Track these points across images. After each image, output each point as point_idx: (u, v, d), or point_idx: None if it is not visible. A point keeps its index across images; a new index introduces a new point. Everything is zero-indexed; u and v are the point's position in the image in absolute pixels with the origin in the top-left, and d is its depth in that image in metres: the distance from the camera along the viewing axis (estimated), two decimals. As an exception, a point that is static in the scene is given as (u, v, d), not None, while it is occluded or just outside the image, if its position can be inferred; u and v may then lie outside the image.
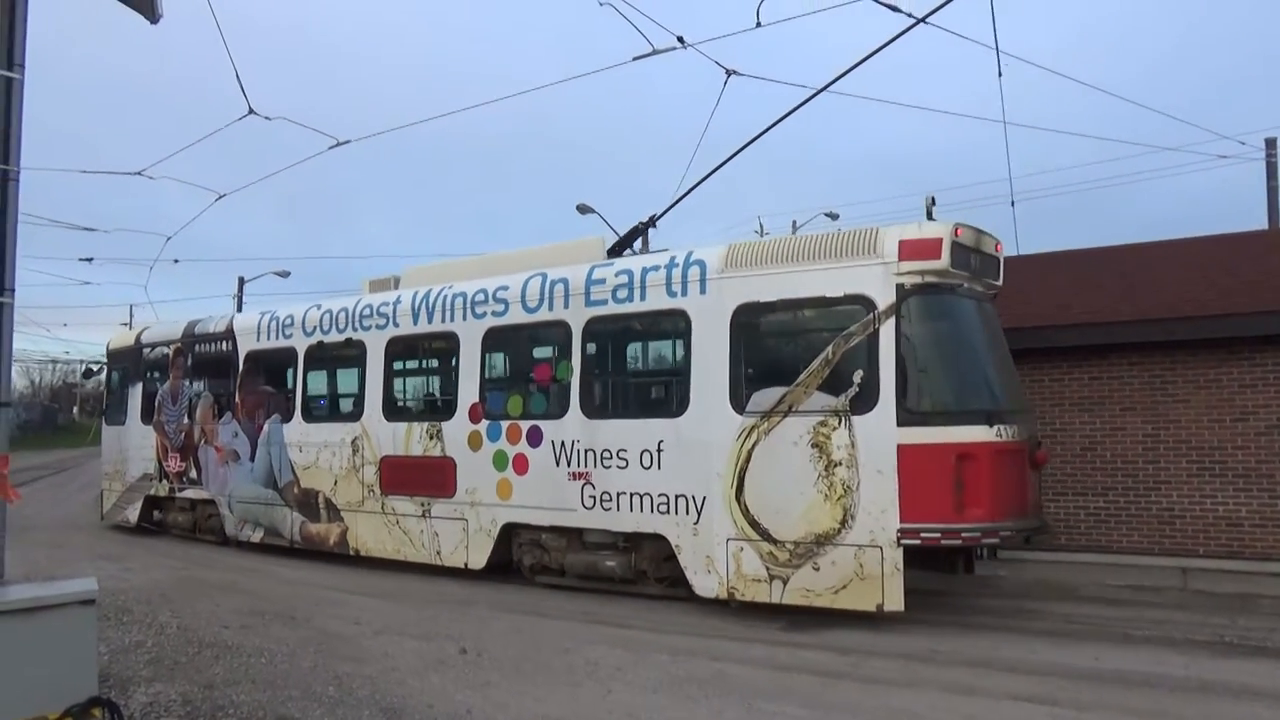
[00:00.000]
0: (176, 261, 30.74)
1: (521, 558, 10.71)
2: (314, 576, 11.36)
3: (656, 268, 9.71)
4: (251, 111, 14.25)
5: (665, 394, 9.82)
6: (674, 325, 9.57)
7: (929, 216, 8.63)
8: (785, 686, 6.52)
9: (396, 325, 12.06)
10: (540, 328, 10.66)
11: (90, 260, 27.42)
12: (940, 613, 9.02)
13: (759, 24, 10.73)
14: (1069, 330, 11.24)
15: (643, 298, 9.74)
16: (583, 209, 31.23)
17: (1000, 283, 9.18)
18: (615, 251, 10.76)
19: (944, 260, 8.20)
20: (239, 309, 43.98)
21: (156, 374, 16.16)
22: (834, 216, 41.15)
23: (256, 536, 13.73)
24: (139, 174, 17.80)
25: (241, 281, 44.58)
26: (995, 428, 8.04)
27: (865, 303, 8.26)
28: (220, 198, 18.92)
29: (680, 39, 11.23)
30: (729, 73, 11.92)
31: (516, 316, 10.77)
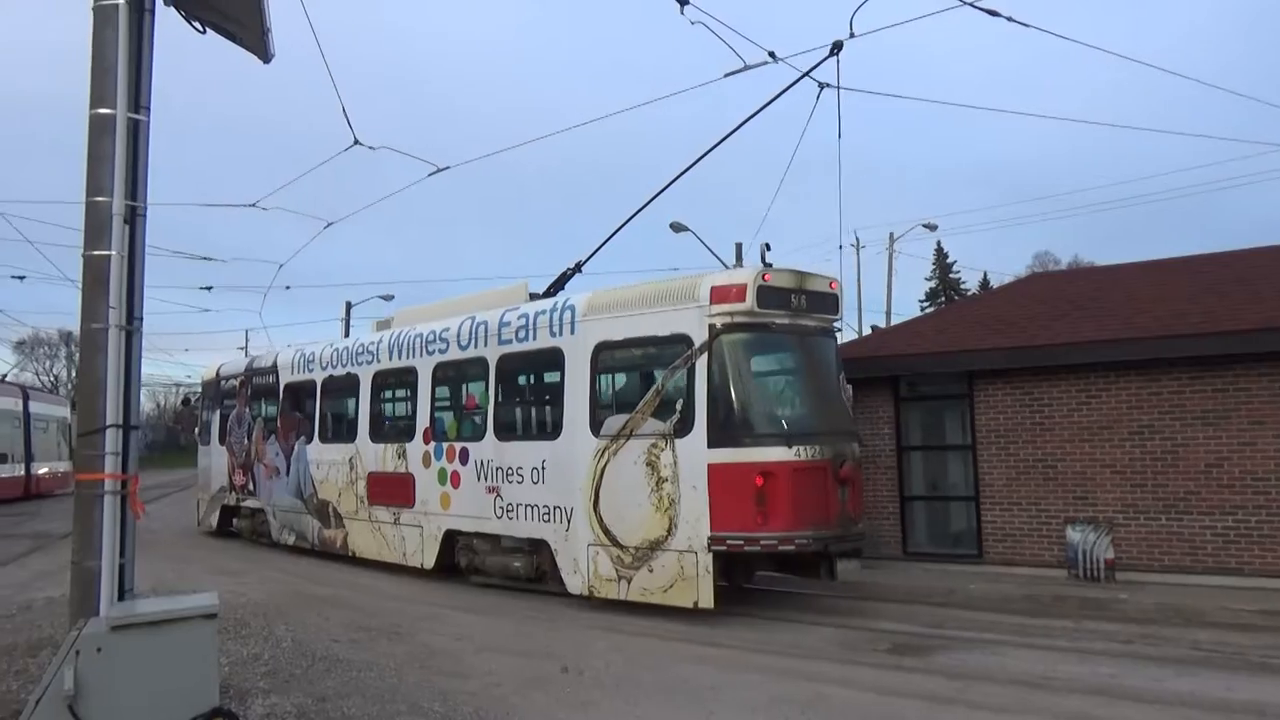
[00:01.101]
0: (289, 288, 32.24)
1: (459, 559, 12.29)
2: (413, 592, 11.62)
3: (544, 311, 11.28)
4: (357, 142, 14.80)
5: (548, 420, 11.29)
6: (554, 361, 11.01)
7: (763, 261, 9.90)
8: (891, 712, 6.34)
9: (379, 361, 14.05)
10: (468, 363, 12.33)
11: (209, 288, 29.01)
12: (1054, 637, 8.65)
13: (851, 34, 10.61)
14: (1187, 340, 10.69)
15: (534, 337, 11.32)
16: (676, 227, 31.36)
17: (838, 316, 10.45)
18: (551, 292, 12.16)
19: (748, 303, 9.46)
20: (346, 332, 45.58)
21: (229, 402, 18.66)
22: (932, 227, 40.26)
23: (290, 540, 15.83)
24: (253, 205, 18.68)
25: (348, 306, 46.14)
26: (795, 448, 9.21)
27: (686, 341, 9.59)
28: (328, 225, 19.74)
29: (771, 54, 11.19)
30: (821, 86, 11.82)
31: (454, 354, 12.55)
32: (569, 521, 10.51)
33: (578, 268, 12.46)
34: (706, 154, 11.46)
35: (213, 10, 6.27)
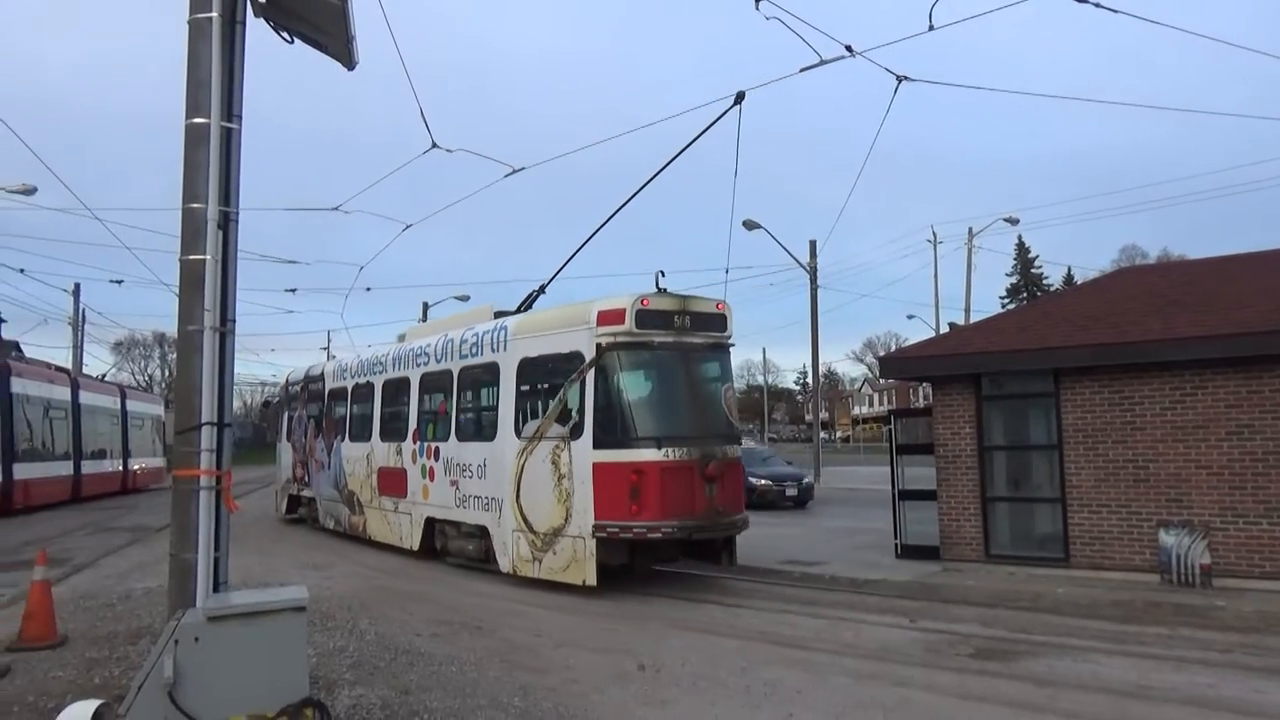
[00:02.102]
0: (369, 289, 33.06)
1: (436, 543, 14.16)
2: (494, 589, 11.76)
3: (489, 331, 13.16)
4: (435, 145, 15.02)
5: (487, 424, 12.99)
6: (494, 373, 12.79)
7: (657, 287, 11.59)
8: (977, 717, 6.19)
9: (387, 371, 16.25)
10: (440, 375, 14.28)
11: (294, 291, 29.94)
12: (1147, 645, 8.33)
13: (931, 27, 10.38)
14: (1292, 335, 10.17)
15: (481, 353, 13.22)
16: (749, 225, 31.21)
17: (726, 333, 12.03)
18: (526, 308, 13.57)
19: (627, 325, 11.10)
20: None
21: (294, 405, 21.42)
22: (1013, 221, 39.15)
23: (331, 525, 18.25)
24: (336, 209, 19.15)
25: (425, 306, 46.96)
26: (664, 450, 10.83)
27: (580, 358, 11.28)
28: (407, 228, 20.12)
29: (849, 48, 11.01)
30: (899, 79, 11.59)
31: (432, 366, 14.58)
32: (500, 510, 12.37)
33: (541, 290, 13.70)
34: (664, 168, 12.57)
35: (300, 20, 6.43)
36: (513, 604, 10.64)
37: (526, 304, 13.72)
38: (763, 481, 22.87)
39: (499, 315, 13.78)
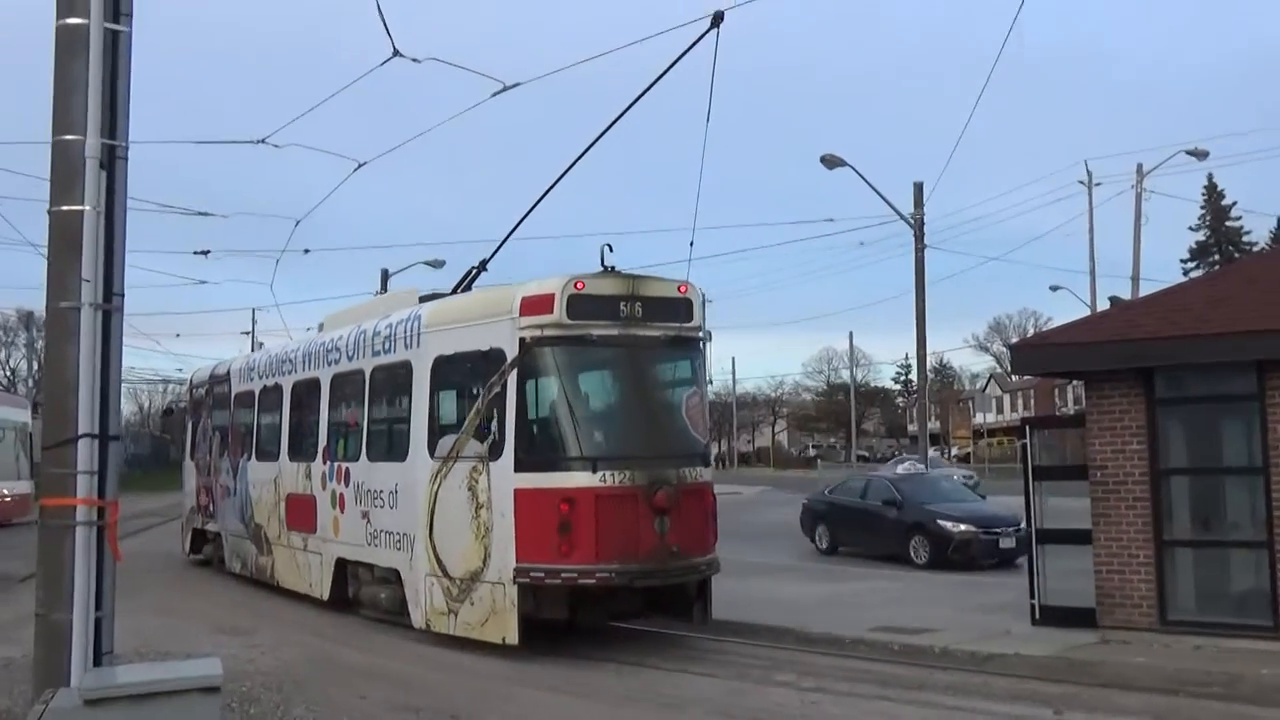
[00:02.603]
0: (307, 251, 33.17)
1: (350, 589, 14.68)
2: (475, 661, 11.87)
3: (403, 322, 13.53)
4: (396, 54, 15.15)
5: (400, 440, 13.44)
6: (407, 376, 13.24)
7: (602, 263, 12.01)
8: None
9: (296, 371, 16.88)
10: (352, 376, 14.89)
11: (206, 254, 30.04)
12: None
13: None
14: None
15: (394, 350, 13.65)
16: (830, 161, 31.26)
17: (691, 322, 12.45)
18: (466, 289, 14.15)
19: (556, 314, 11.45)
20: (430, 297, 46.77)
21: (200, 412, 21.96)
22: (1201, 155, 38.74)
23: (238, 568, 18.94)
24: (262, 142, 19.34)
25: (385, 275, 47.40)
26: (600, 474, 11.21)
27: (500, 357, 11.67)
28: (359, 167, 20.28)
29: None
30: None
31: (344, 365, 15.17)
32: (413, 550, 12.79)
33: (483, 266, 14.21)
34: (630, 106, 13.22)
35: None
36: (498, 683, 10.74)
37: (465, 285, 14.26)
38: (963, 528, 20.54)
39: (426, 300, 14.35)
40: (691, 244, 14.77)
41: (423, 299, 14.36)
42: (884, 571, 19.40)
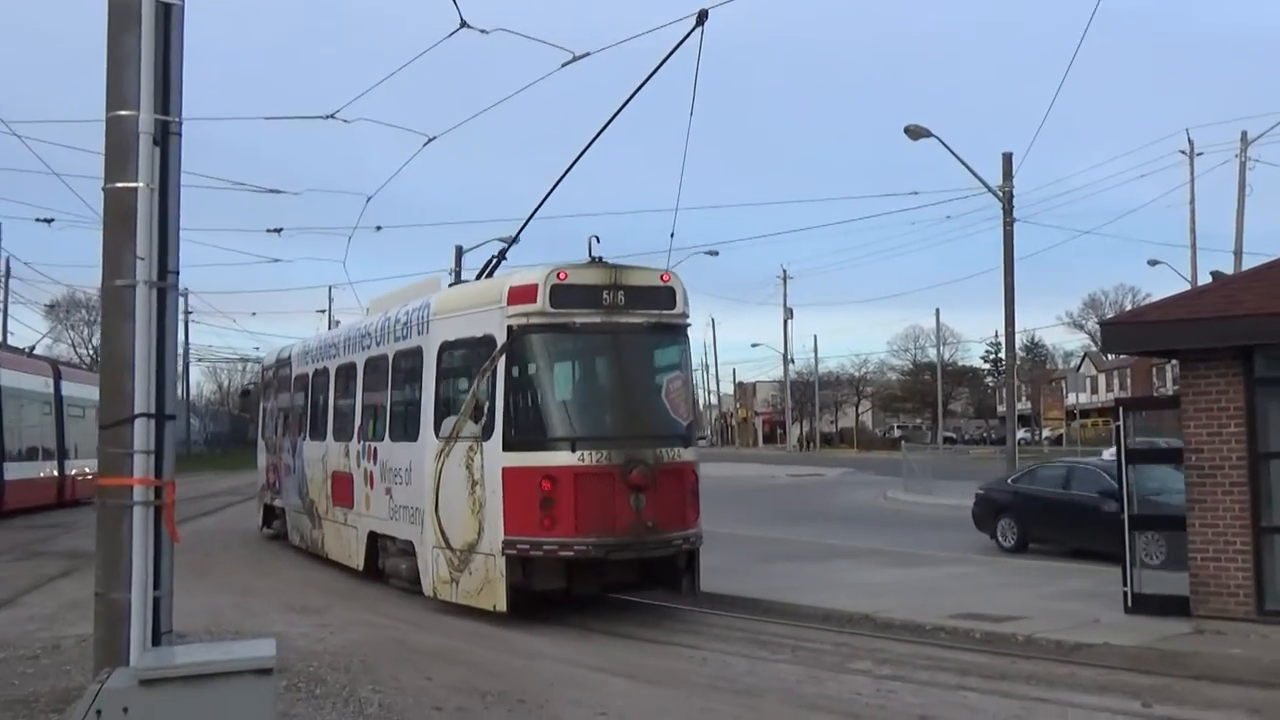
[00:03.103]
0: (379, 229, 33.48)
1: (380, 561, 15.83)
2: (549, 644, 11.92)
3: (417, 309, 14.86)
4: (464, 24, 15.16)
5: (414, 421, 14.58)
6: (419, 361, 14.47)
7: (589, 254, 13.09)
8: None
9: (339, 355, 18.35)
10: (379, 361, 16.20)
11: (279, 231, 30.38)
12: None
13: None
14: None
15: (410, 336, 14.93)
16: (914, 132, 30.83)
17: (677, 310, 13.39)
18: (485, 278, 15.00)
19: (540, 303, 12.52)
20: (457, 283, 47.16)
21: (269, 393, 23.89)
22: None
23: (296, 540, 20.42)
24: (331, 117, 19.51)
25: (459, 252, 47.68)
26: (579, 453, 12.25)
27: (491, 343, 12.83)
28: (429, 141, 20.40)
29: None
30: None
31: (374, 350, 16.50)
32: (423, 523, 13.91)
33: (502, 255, 15.16)
34: (624, 106, 14.00)
35: None
36: (571, 667, 10.75)
37: (488, 272, 15.16)
38: None
39: (454, 287, 16.24)
40: (672, 235, 16.11)
41: (451, 285, 15.62)
42: (966, 557, 19.08)
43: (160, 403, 5.79)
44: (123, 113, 5.82)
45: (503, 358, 12.71)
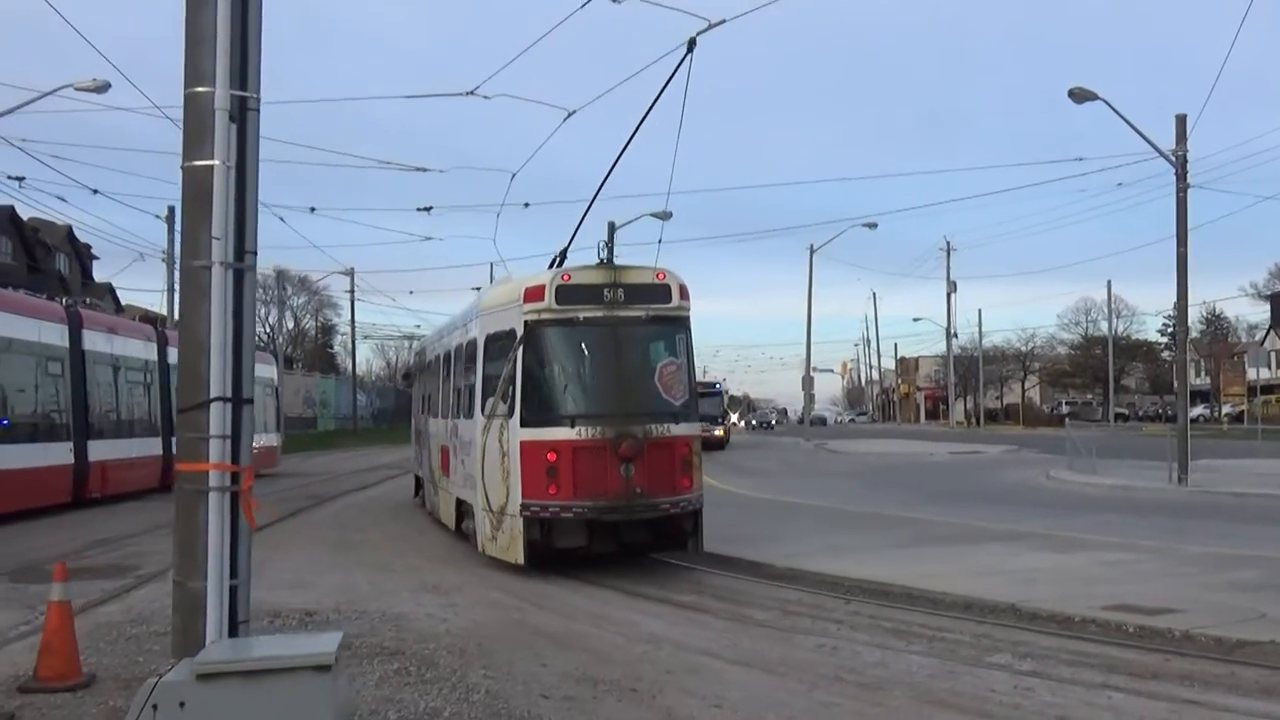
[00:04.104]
0: (527, 205, 33.61)
1: (463, 524, 18.19)
2: (671, 631, 11.65)
3: (474, 304, 18.11)
4: (595, -8, 14.86)
5: (472, 401, 16.77)
6: (474, 350, 16.84)
7: (598, 256, 16.01)
8: None
9: (444, 342, 21.11)
10: (458, 348, 18.78)
11: (429, 210, 30.75)
12: None
13: None
14: None
15: (469, 328, 17.62)
16: (1079, 95, 29.56)
17: (673, 302, 15.30)
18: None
19: (547, 301, 14.68)
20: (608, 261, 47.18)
21: (416, 374, 27.43)
22: None
23: (428, 508, 22.86)
24: (471, 94, 19.53)
25: (612, 228, 47.75)
26: (577, 429, 14.38)
27: (514, 335, 15.04)
28: (570, 115, 20.27)
29: None
30: None
31: (455, 338, 19.26)
32: (476, 489, 16.22)
33: (563, 255, 16.56)
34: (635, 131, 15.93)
35: None
36: (692, 654, 10.46)
37: (555, 263, 16.72)
38: None
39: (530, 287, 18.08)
40: (660, 242, 17.37)
41: (528, 290, 16.30)
42: (1129, 542, 18.11)
43: (238, 386, 5.66)
44: (199, 89, 5.69)
45: (520, 348, 14.91)
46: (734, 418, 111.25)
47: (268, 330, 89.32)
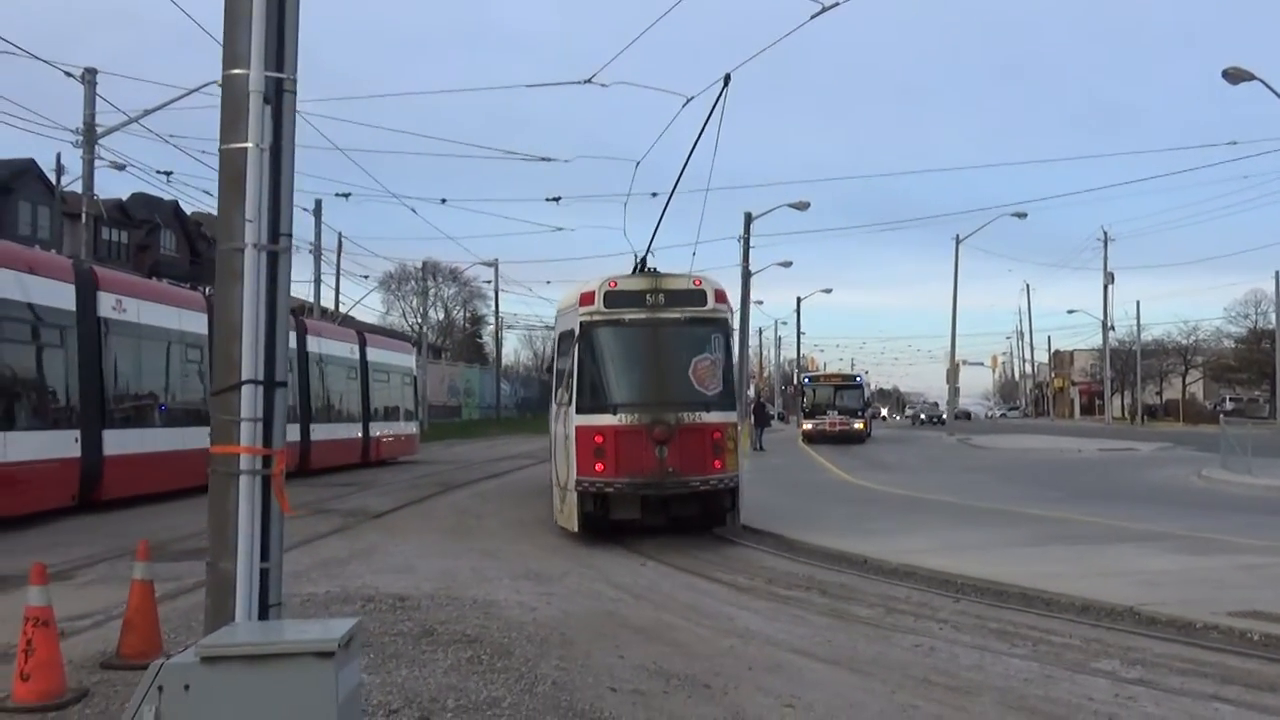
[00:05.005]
0: (654, 195, 33.47)
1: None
2: (764, 625, 11.41)
3: (557, 304, 20.88)
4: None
5: (552, 391, 19.72)
6: (557, 346, 19.50)
7: (641, 267, 18.44)
8: None
9: (555, 328, 21.41)
10: (554, 343, 20.85)
11: (558, 200, 30.91)
12: None
13: None
14: None
15: (555, 326, 20.42)
16: (1234, 75, 28.24)
17: (709, 305, 17.37)
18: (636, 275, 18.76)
19: (598, 305, 17.00)
20: (744, 255, 46.94)
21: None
22: None
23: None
24: (588, 82, 19.49)
25: (748, 219, 47.42)
26: (619, 415, 16.63)
27: (573, 335, 17.28)
28: (688, 101, 20.06)
29: None
30: None
31: (556, 333, 20.55)
32: (553, 468, 18.74)
33: (642, 263, 18.74)
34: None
35: None
36: (779, 650, 10.20)
37: (637, 268, 18.81)
38: None
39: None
40: (694, 254, 18.67)
41: (582, 295, 18.06)
42: (1274, 545, 17.10)
43: (270, 369, 5.65)
44: (235, 72, 5.69)
45: (577, 345, 17.08)
46: (884, 411, 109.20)
47: (415, 321, 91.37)
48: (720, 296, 17.65)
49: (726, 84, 16.41)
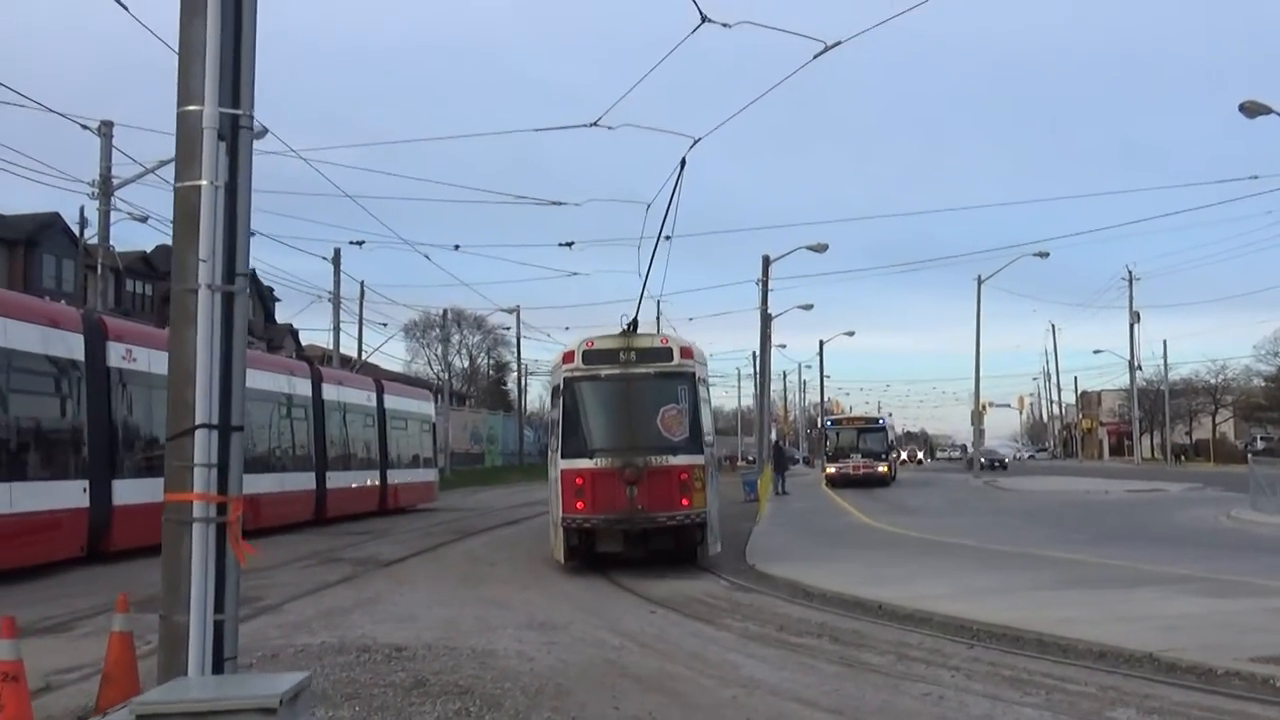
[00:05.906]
0: (668, 239, 33.40)
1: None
2: (770, 674, 11.07)
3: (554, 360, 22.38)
4: (705, 20, 14.61)
5: (550, 439, 21.38)
6: (549, 397, 22.55)
7: (621, 325, 20.13)
8: None
9: (550, 383, 23.12)
10: (553, 392, 21.18)
11: (570, 245, 30.82)
12: None
13: None
14: None
15: (549, 378, 22.84)
16: (1252, 109, 27.96)
17: (675, 360, 19.58)
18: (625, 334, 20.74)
19: (577, 362, 19.38)
20: (764, 298, 46.74)
21: None
22: None
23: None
24: (594, 125, 19.42)
25: (766, 261, 47.24)
26: (596, 460, 18.84)
27: (559, 389, 19.56)
28: (696, 143, 20.00)
29: None
30: None
31: (553, 381, 21.59)
32: (550, 508, 20.65)
33: (633, 325, 20.19)
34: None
35: None
36: (783, 700, 9.87)
37: (630, 325, 20.53)
38: None
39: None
40: (658, 312, 19.79)
41: (565, 354, 20.40)
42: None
43: (226, 414, 5.44)
44: (189, 108, 5.53)
45: (562, 398, 19.21)
46: (904, 455, 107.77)
47: (440, 369, 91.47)
48: (686, 353, 19.71)
49: (682, 168, 19.71)
